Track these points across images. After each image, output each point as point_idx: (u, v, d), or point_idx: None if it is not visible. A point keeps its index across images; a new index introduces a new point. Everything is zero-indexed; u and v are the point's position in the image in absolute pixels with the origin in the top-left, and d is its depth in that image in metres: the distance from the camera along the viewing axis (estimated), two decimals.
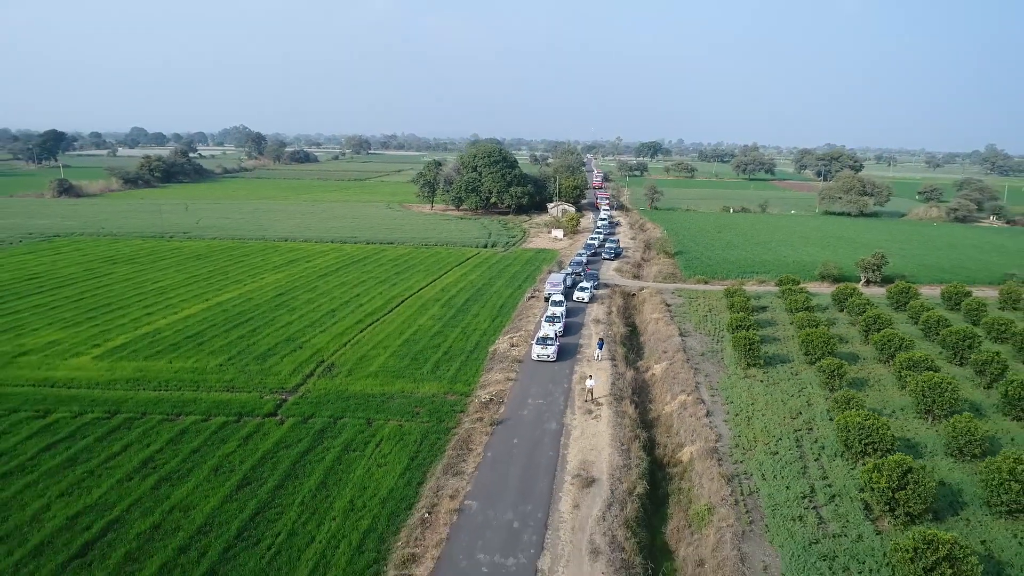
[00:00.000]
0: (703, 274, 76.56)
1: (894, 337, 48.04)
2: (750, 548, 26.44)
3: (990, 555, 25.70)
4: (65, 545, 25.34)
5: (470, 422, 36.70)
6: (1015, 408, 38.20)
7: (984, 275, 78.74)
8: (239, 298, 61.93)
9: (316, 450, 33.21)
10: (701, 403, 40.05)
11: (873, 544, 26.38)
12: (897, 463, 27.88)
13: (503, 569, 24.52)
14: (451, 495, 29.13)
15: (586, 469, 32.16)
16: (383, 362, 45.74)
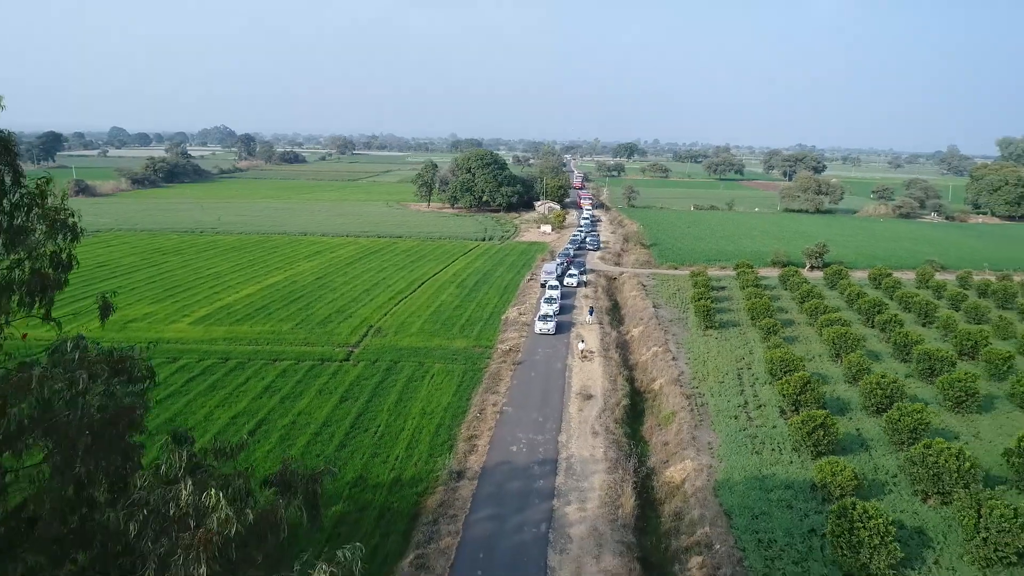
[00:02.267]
0: (674, 261, 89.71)
1: (820, 305, 61.32)
2: (700, 434, 38.99)
3: (859, 432, 38.56)
4: (236, 432, 37.23)
5: (496, 363, 49.08)
6: (902, 352, 51.38)
7: (910, 261, 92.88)
8: (285, 281, 73.62)
9: (387, 381, 45.33)
10: (669, 353, 52.68)
11: (782, 430, 39.04)
12: (800, 377, 40.68)
13: (535, 441, 36.99)
14: (492, 404, 41.52)
15: (585, 390, 44.74)
16: (420, 326, 57.90)
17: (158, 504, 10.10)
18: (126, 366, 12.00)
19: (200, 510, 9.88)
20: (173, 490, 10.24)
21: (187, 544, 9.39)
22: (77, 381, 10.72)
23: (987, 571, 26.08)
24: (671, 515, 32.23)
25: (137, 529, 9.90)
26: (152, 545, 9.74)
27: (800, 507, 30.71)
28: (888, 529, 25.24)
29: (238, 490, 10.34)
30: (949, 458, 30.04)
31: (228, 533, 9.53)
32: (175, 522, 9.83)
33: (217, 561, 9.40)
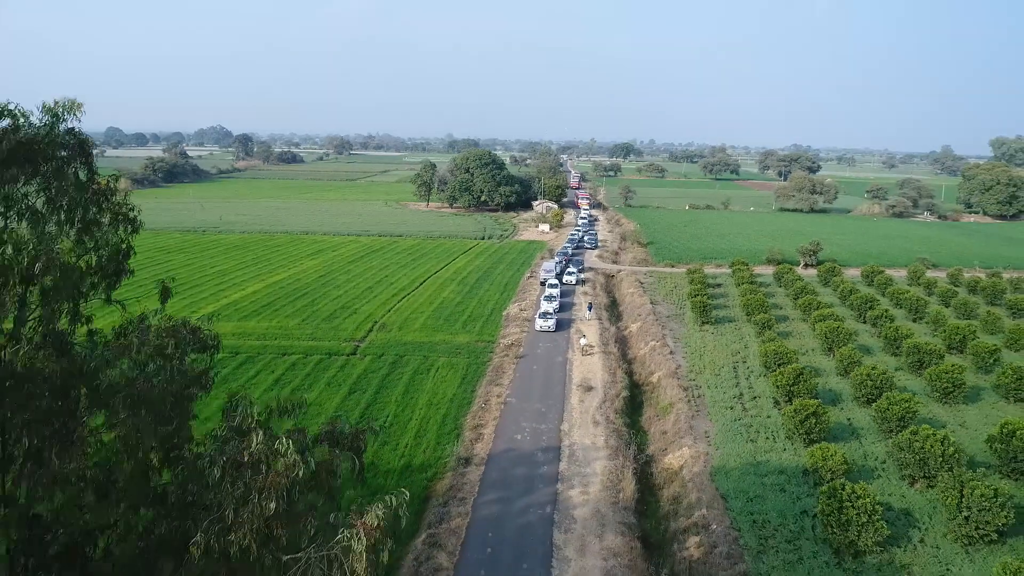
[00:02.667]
0: (670, 259, 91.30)
1: (813, 301, 62.92)
2: (697, 423, 40.44)
3: (850, 422, 40.09)
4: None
5: (499, 357, 50.51)
6: (893, 346, 52.95)
7: (902, 259, 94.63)
8: (290, 278, 74.94)
9: (394, 373, 46.71)
10: (666, 347, 54.15)
11: (776, 420, 40.52)
12: (793, 369, 42.18)
13: (539, 430, 38.44)
14: (496, 395, 42.94)
15: (586, 382, 46.20)
16: (423, 322, 59.28)
17: (234, 452, 11.56)
18: (196, 336, 13.47)
19: (269, 457, 11.33)
20: (246, 440, 11.70)
21: (260, 485, 10.84)
22: (166, 346, 12.25)
23: (969, 548, 27.58)
24: (670, 499, 33.69)
25: (219, 473, 11.35)
26: (231, 487, 11.19)
27: (793, 491, 32.18)
28: (875, 508, 26.71)
29: (299, 441, 11.80)
30: (934, 443, 31.53)
31: (295, 475, 10.98)
32: (248, 467, 11.28)
33: (284, 501, 10.83)
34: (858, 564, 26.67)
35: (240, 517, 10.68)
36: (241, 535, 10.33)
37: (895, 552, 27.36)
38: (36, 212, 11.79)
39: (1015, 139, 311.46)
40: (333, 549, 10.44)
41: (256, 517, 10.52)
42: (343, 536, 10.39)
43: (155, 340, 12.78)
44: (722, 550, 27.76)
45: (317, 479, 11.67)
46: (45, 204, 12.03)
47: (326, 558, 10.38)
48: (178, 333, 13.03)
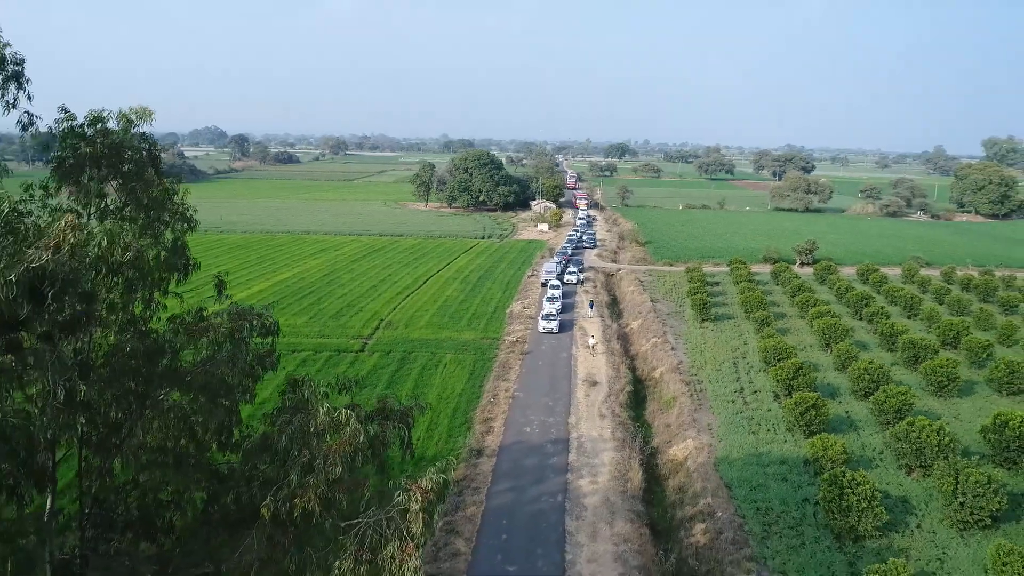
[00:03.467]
0: (669, 258, 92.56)
1: (811, 298, 64.21)
2: (700, 416, 41.59)
3: (848, 414, 41.31)
4: None
5: (504, 353, 51.59)
6: (888, 342, 54.24)
7: (896, 258, 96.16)
8: (294, 277, 75.87)
9: (403, 369, 47.73)
10: (668, 343, 55.31)
11: (776, 413, 41.69)
12: (792, 363, 43.38)
13: (547, 423, 39.55)
14: (504, 390, 44.02)
15: (591, 377, 47.33)
16: (428, 319, 60.31)
17: (301, 423, 12.69)
18: (261, 320, 14.61)
19: (332, 427, 12.46)
20: (311, 412, 12.83)
21: (325, 452, 11.95)
22: (241, 328, 13.41)
23: (964, 533, 28.79)
24: (675, 488, 34.84)
25: (287, 442, 12.47)
26: (297, 454, 12.32)
27: (794, 480, 33.36)
28: (874, 494, 27.88)
29: (358, 414, 12.93)
30: (931, 433, 32.75)
31: (356, 442, 12.09)
32: (314, 436, 12.42)
33: (347, 466, 11.95)
34: (858, 548, 27.83)
35: (305, 483, 11.77)
36: (305, 500, 11.38)
37: (893, 537, 28.54)
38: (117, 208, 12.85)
39: (1007, 139, 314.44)
40: (390, 512, 11.53)
41: (321, 482, 11.60)
42: (400, 499, 11.48)
43: (228, 324, 13.92)
44: (728, 536, 28.89)
45: (374, 449, 12.76)
46: (125, 202, 13.10)
47: (383, 520, 11.45)
48: (246, 318, 14.16)
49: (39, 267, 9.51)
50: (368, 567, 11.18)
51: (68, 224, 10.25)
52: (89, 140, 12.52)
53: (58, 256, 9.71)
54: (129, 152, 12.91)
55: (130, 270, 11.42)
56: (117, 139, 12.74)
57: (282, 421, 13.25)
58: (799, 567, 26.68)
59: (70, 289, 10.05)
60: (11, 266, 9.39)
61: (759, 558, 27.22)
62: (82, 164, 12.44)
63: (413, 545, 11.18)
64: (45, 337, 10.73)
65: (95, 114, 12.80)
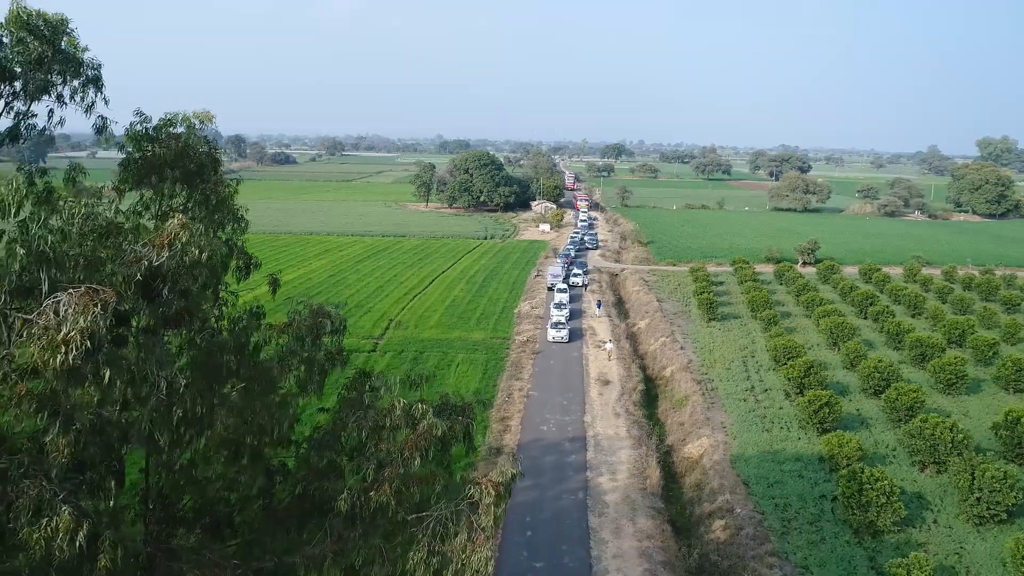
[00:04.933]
0: (671, 258, 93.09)
1: (816, 298, 64.79)
2: (712, 415, 42.00)
3: (859, 412, 41.81)
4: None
5: (516, 353, 51.96)
6: (895, 341, 54.81)
7: (897, 258, 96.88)
8: (300, 278, 76.09)
9: (416, 369, 47.89)
10: (676, 343, 55.74)
11: (788, 411, 42.16)
12: (803, 362, 43.87)
13: (563, 422, 39.94)
14: (519, 389, 44.39)
15: (603, 376, 47.74)
16: (438, 319, 60.64)
17: (377, 417, 13.03)
18: (330, 318, 14.99)
19: (408, 421, 12.81)
20: (387, 407, 13.19)
21: (401, 446, 12.30)
22: (320, 326, 13.81)
23: (980, 528, 29.27)
24: (692, 486, 35.25)
25: (365, 435, 12.82)
26: (374, 449, 12.65)
27: (810, 476, 33.82)
28: (893, 490, 28.34)
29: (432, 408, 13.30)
30: (944, 430, 33.25)
31: (433, 436, 12.43)
32: (390, 430, 12.78)
33: (425, 458, 12.31)
34: (877, 543, 28.29)
35: (381, 476, 12.11)
36: (381, 493, 11.71)
37: (911, 532, 29.01)
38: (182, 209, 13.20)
39: (1001, 139, 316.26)
40: (460, 505, 11.88)
41: (396, 475, 11.94)
42: (470, 491, 11.84)
43: (308, 322, 14.26)
44: (748, 532, 29.31)
45: (445, 442, 13.11)
46: (191, 203, 13.46)
47: (453, 513, 11.81)
48: (321, 315, 14.54)
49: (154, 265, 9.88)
50: (439, 558, 11.51)
51: (179, 223, 10.60)
52: (162, 142, 12.87)
53: (171, 254, 10.09)
54: (193, 154, 13.25)
55: (204, 269, 11.76)
56: (184, 141, 13.09)
57: (357, 415, 13.58)
58: (820, 562, 27.13)
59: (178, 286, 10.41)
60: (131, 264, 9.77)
61: (780, 553, 27.65)
62: (154, 166, 12.80)
63: (483, 537, 11.53)
64: (148, 331, 11.08)
65: (168, 118, 13.16)
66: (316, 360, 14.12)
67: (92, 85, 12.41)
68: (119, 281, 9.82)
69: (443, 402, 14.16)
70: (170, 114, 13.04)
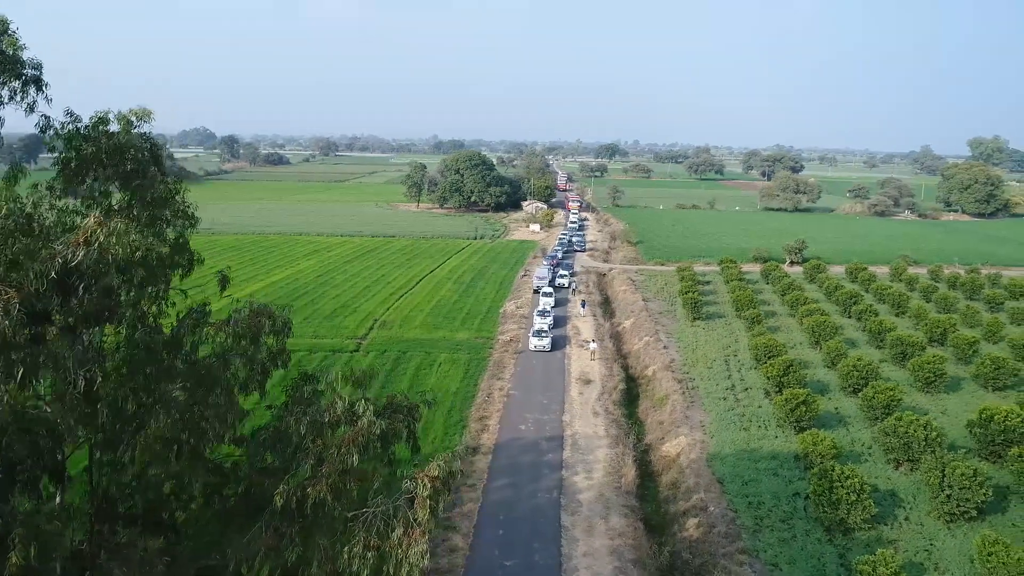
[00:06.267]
0: (660, 258, 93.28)
1: (800, 297, 65.01)
2: (692, 414, 42.11)
3: (837, 410, 41.96)
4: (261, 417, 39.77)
5: (499, 353, 52.02)
6: (877, 339, 55.01)
7: (885, 257, 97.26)
8: (288, 278, 76.04)
9: (398, 368, 48.07)
10: (660, 342, 55.85)
11: (767, 410, 42.25)
12: (783, 361, 44.01)
13: (542, 420, 40.02)
14: (499, 389, 44.45)
15: (584, 376, 47.83)
16: (423, 319, 60.65)
17: (316, 414, 13.10)
18: (274, 318, 15.00)
19: (348, 418, 12.89)
20: (328, 404, 13.26)
21: (339, 442, 12.38)
22: (259, 325, 13.82)
23: (950, 525, 29.43)
24: (668, 484, 35.36)
25: (304, 431, 12.89)
26: (312, 444, 12.73)
27: (785, 474, 33.94)
28: (863, 488, 28.50)
29: (373, 406, 13.35)
30: (918, 428, 33.41)
31: (372, 434, 12.50)
32: (329, 427, 12.87)
33: (363, 455, 12.38)
34: (848, 540, 28.43)
35: (318, 472, 12.19)
36: (318, 489, 11.78)
37: (882, 529, 29.15)
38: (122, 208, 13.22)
39: (992, 139, 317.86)
40: (398, 500, 11.96)
41: (334, 472, 12.01)
42: (408, 487, 11.93)
43: (247, 321, 14.31)
44: (720, 529, 29.43)
45: (384, 440, 13.17)
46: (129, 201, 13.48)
47: (391, 508, 11.88)
48: (262, 315, 14.54)
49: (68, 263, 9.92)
50: (376, 553, 11.57)
51: (96, 222, 10.63)
52: (93, 141, 12.88)
53: (88, 252, 10.12)
54: (131, 152, 13.27)
55: (139, 268, 11.79)
56: (119, 140, 13.11)
57: (298, 411, 13.65)
58: (790, 559, 27.24)
59: (95, 284, 10.45)
60: (46, 261, 9.80)
61: (751, 551, 27.75)
62: (87, 165, 12.84)
63: (420, 531, 11.60)
64: (66, 329, 11.11)
65: (99, 116, 13.18)
66: (257, 360, 14.11)
67: (33, 85, 12.42)
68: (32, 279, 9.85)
69: (390, 402, 14.22)
70: (102, 112, 13.03)
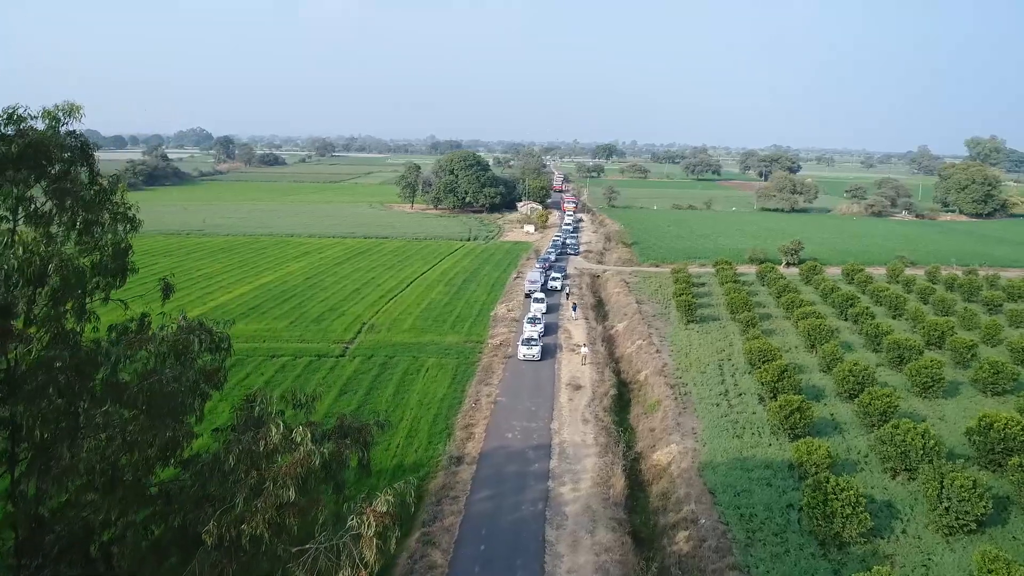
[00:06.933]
0: (655, 259, 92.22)
1: (796, 299, 63.94)
2: (684, 420, 41.06)
3: (833, 417, 40.93)
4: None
5: (488, 357, 50.91)
6: (873, 342, 54.00)
7: (882, 258, 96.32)
8: (276, 281, 74.86)
9: (384, 374, 46.95)
10: (653, 345, 54.79)
11: (761, 416, 41.19)
12: (777, 366, 42.95)
13: (530, 428, 38.91)
14: (487, 395, 43.34)
15: (575, 381, 46.74)
16: (412, 323, 59.54)
17: (250, 442, 11.94)
18: (210, 336, 13.82)
19: (286, 447, 11.72)
20: (263, 431, 12.09)
21: (275, 473, 11.23)
22: (188, 343, 12.65)
23: (949, 538, 28.37)
24: (658, 495, 34.28)
25: (234, 462, 11.72)
26: (244, 476, 11.57)
27: (778, 484, 32.86)
28: (859, 500, 27.42)
29: (313, 432, 12.18)
30: (915, 436, 32.36)
31: (311, 464, 11.35)
32: (264, 457, 11.67)
33: (300, 489, 11.21)
34: (843, 555, 27.36)
35: (252, 506, 11.05)
36: (253, 525, 10.68)
37: (878, 543, 28.08)
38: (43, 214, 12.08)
39: (989, 139, 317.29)
40: (343, 538, 10.85)
41: (270, 506, 10.90)
42: (353, 523, 10.81)
43: (173, 338, 13.17)
44: (711, 544, 28.35)
45: (328, 469, 12.05)
46: (52, 205, 12.34)
47: (335, 547, 10.77)
48: (194, 332, 13.38)
49: None
50: None
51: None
52: (7, 139, 11.75)
53: None
54: (57, 151, 12.13)
55: (55, 279, 10.66)
56: (39, 137, 11.95)
57: (231, 440, 12.48)
58: (783, 575, 26.18)
59: None
60: None
61: (742, 566, 26.70)
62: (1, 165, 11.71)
63: (366, 573, 10.51)
64: None
65: (9, 111, 12.00)
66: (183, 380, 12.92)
67: None
68: None
69: (339, 423, 13.06)
70: (11, 107, 11.83)
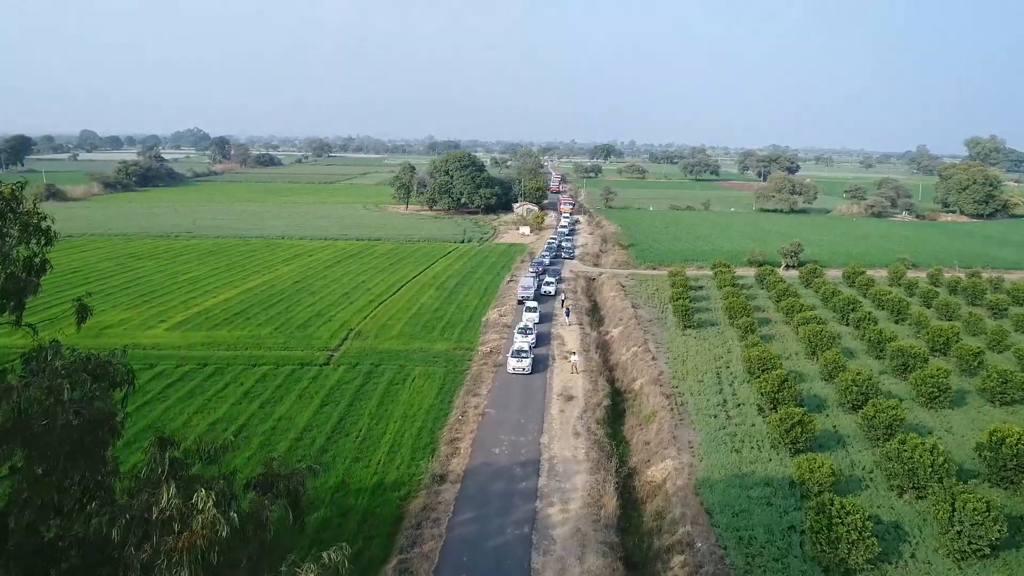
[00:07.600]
0: (652, 261, 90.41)
1: (796, 303, 62.18)
2: (680, 433, 39.32)
3: (836, 429, 39.15)
4: (214, 439, 36.81)
5: (477, 365, 49.10)
6: (876, 349, 52.26)
7: (883, 259, 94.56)
8: (264, 285, 73.00)
9: (368, 384, 45.13)
10: (649, 353, 53.03)
11: (760, 428, 39.47)
12: (777, 375, 41.21)
13: (517, 443, 37.09)
14: (474, 406, 41.53)
15: (567, 391, 44.94)
16: (400, 329, 57.73)
17: (141, 509, 10.04)
18: (106, 371, 11.94)
19: (184, 513, 9.85)
20: (155, 494, 10.19)
21: (169, 548, 9.34)
22: (60, 389, 10.63)
23: (962, 564, 26.63)
24: (653, 514, 32.50)
25: (120, 535, 9.83)
26: (135, 551, 9.68)
27: (779, 504, 31.11)
28: (865, 524, 25.67)
29: (222, 492, 10.29)
30: (923, 453, 30.63)
31: (215, 535, 9.49)
32: (158, 527, 9.78)
33: (200, 565, 9.33)
34: None
35: None
36: None
37: (886, 569, 26.35)
38: None
39: (989, 139, 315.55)
40: None
41: None
42: None
43: (46, 381, 11.09)
44: (708, 570, 26.60)
45: (243, 535, 10.17)
46: None
47: None
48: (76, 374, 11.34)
49: None
50: None
51: None
52: None
53: None
54: None
55: None
56: None
57: (122, 506, 10.52)
58: None
59: None
60: None
61: None
62: None
63: None
64: None
65: None
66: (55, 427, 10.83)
67: None
68: None
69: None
70: None
